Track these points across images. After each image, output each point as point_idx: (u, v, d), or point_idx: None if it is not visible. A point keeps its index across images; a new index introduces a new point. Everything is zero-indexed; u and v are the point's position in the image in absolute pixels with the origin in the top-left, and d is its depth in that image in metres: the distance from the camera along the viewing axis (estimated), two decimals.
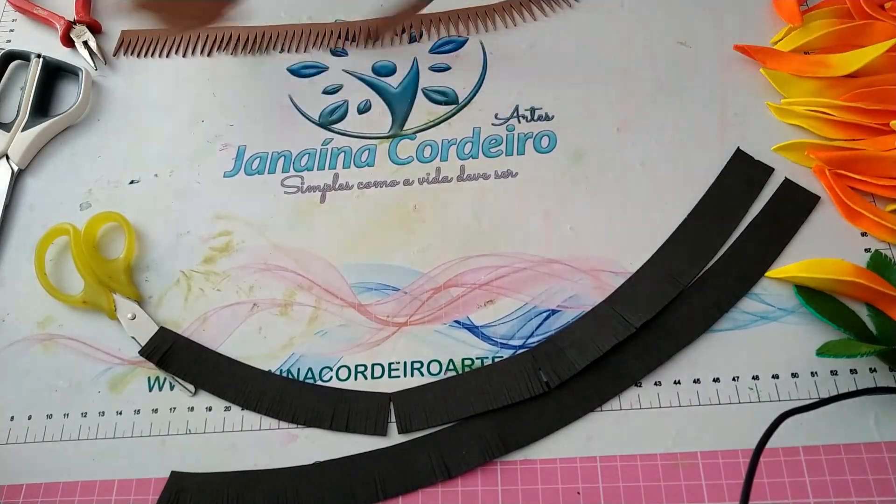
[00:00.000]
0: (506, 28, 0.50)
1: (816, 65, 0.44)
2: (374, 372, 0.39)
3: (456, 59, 0.49)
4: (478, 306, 0.40)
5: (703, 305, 0.38)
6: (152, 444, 0.38)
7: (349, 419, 0.37)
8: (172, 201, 0.45)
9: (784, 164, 0.42)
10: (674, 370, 0.37)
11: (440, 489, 0.35)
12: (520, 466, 0.36)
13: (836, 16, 0.45)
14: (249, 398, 0.38)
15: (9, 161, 0.47)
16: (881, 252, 0.39)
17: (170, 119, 0.49)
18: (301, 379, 0.39)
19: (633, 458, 0.35)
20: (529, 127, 0.45)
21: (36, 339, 0.42)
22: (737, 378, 0.36)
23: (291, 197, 0.45)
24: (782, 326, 0.37)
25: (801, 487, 0.34)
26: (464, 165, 0.44)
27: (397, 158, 0.45)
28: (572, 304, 0.39)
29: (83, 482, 0.37)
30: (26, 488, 0.38)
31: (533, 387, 0.37)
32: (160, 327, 0.41)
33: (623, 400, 0.37)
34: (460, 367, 0.38)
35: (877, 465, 0.34)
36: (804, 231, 0.40)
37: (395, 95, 0.48)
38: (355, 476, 0.36)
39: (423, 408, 0.37)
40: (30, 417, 0.40)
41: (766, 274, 0.39)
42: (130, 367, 0.40)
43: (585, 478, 0.35)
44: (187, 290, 0.42)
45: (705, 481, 0.34)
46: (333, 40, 0.51)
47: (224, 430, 0.38)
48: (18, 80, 0.52)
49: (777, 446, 0.34)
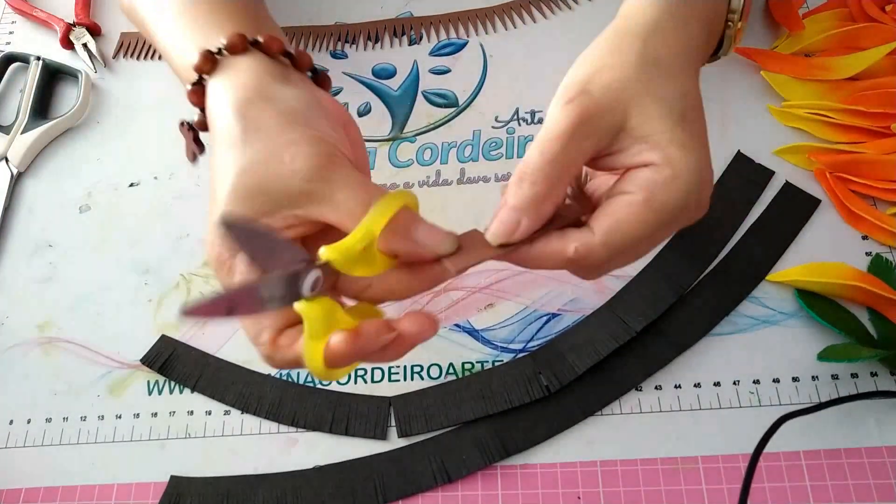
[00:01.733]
0: (506, 30, 0.49)
1: (817, 68, 0.44)
2: (374, 376, 0.39)
3: (456, 61, 0.49)
4: (478, 310, 0.40)
5: (704, 309, 0.38)
6: (152, 448, 0.38)
7: (349, 423, 0.37)
8: (172, 204, 0.45)
9: (785, 168, 0.42)
10: (674, 374, 0.37)
11: (440, 493, 0.35)
12: (520, 471, 0.36)
13: (836, 19, 0.45)
14: (249, 402, 0.38)
15: (8, 164, 0.47)
16: (882, 255, 0.38)
17: (170, 121, 0.48)
18: (301, 383, 0.39)
19: (633, 463, 0.35)
20: (530, 130, 0.45)
21: (35, 343, 0.42)
22: (737, 382, 0.36)
23: None
24: (783, 330, 0.37)
25: (801, 491, 0.34)
26: (464, 168, 0.44)
27: (397, 161, 0.45)
28: (572, 307, 0.39)
29: (82, 486, 0.37)
30: (25, 492, 0.38)
31: (533, 391, 0.37)
32: (161, 335, 0.41)
33: (623, 404, 0.37)
34: (460, 370, 0.38)
35: (878, 469, 0.34)
36: (805, 234, 0.40)
37: (395, 98, 0.48)
38: (355, 480, 0.36)
39: (424, 412, 0.37)
40: (29, 421, 0.40)
41: (767, 277, 0.39)
42: (130, 370, 0.40)
43: (586, 482, 0.35)
44: (187, 292, 0.42)
45: (706, 485, 0.34)
46: (333, 42, 0.50)
47: (224, 434, 0.38)
48: (18, 82, 0.51)
49: (778, 450, 0.34)
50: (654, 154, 0.26)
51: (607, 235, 0.26)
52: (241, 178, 0.26)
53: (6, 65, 0.52)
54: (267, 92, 0.28)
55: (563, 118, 0.26)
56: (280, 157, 0.26)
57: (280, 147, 0.26)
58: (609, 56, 0.28)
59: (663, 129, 0.26)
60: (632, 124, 0.26)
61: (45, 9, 0.53)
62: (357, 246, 0.25)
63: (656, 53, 0.28)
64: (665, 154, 0.26)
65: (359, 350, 0.24)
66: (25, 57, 0.51)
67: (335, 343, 0.24)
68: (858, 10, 0.45)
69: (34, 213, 0.46)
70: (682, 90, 0.27)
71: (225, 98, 0.28)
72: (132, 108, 0.50)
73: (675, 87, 0.27)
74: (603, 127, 0.26)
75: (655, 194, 0.26)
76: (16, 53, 0.52)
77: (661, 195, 0.26)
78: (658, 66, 0.27)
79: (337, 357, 0.24)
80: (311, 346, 0.24)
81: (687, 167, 0.26)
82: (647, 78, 0.27)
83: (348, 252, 0.24)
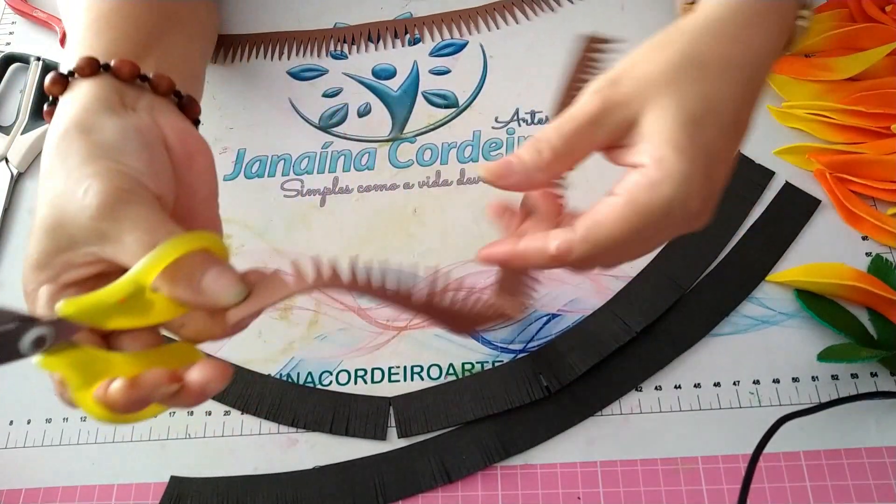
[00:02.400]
0: (507, 25, 0.49)
1: (817, 68, 0.44)
2: (374, 376, 0.39)
3: (456, 61, 0.49)
4: None
5: (704, 310, 0.38)
6: (152, 448, 0.38)
7: (349, 423, 0.37)
8: None
9: (785, 168, 0.42)
10: (674, 374, 0.37)
11: (440, 493, 0.35)
12: (520, 471, 0.36)
13: (836, 19, 0.45)
14: (249, 402, 0.38)
15: (8, 164, 0.47)
16: (882, 256, 0.38)
17: None
18: (301, 383, 0.39)
19: (633, 463, 0.35)
20: (530, 130, 0.45)
21: None
22: (737, 382, 0.36)
23: (291, 200, 0.44)
24: (783, 331, 0.37)
25: (802, 492, 0.34)
26: (464, 169, 0.44)
27: (397, 162, 0.45)
28: (572, 307, 0.39)
29: (82, 487, 0.37)
30: (25, 493, 0.37)
31: (533, 391, 0.37)
32: None
33: (624, 404, 0.37)
34: (460, 371, 0.38)
35: (878, 469, 0.34)
36: (805, 235, 0.40)
37: (395, 98, 0.48)
38: (355, 480, 0.36)
39: (423, 412, 0.37)
40: (29, 422, 0.40)
41: (767, 278, 0.39)
42: None
43: (586, 482, 0.35)
44: None
45: (706, 486, 0.34)
46: (333, 44, 0.50)
47: (224, 435, 0.38)
48: (18, 82, 0.51)
49: (778, 451, 0.34)
50: (647, 155, 0.25)
51: (587, 232, 0.25)
52: (44, 210, 0.26)
53: (6, 65, 0.52)
54: (86, 122, 0.27)
55: (585, 104, 0.26)
56: (74, 192, 0.25)
57: (76, 181, 0.25)
58: (652, 50, 0.27)
59: (666, 129, 0.25)
60: (643, 121, 0.26)
61: (45, 9, 0.53)
62: (110, 299, 0.24)
63: (702, 53, 0.26)
64: (658, 155, 0.25)
65: (137, 400, 0.23)
66: (25, 57, 0.51)
67: (111, 392, 0.23)
68: (858, 10, 0.45)
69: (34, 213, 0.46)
70: (711, 94, 0.26)
71: (52, 126, 0.28)
72: None
73: (705, 89, 0.26)
74: (616, 120, 0.26)
75: (637, 196, 0.25)
76: (16, 54, 0.52)
77: (643, 197, 0.25)
78: (699, 66, 0.26)
79: (117, 406, 0.23)
80: (77, 398, 0.24)
81: (677, 172, 0.25)
82: (679, 77, 0.26)
83: (96, 306, 0.24)
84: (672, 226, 0.26)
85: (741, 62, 0.27)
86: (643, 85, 0.26)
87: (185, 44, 0.36)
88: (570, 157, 0.27)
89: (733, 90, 0.26)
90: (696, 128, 0.25)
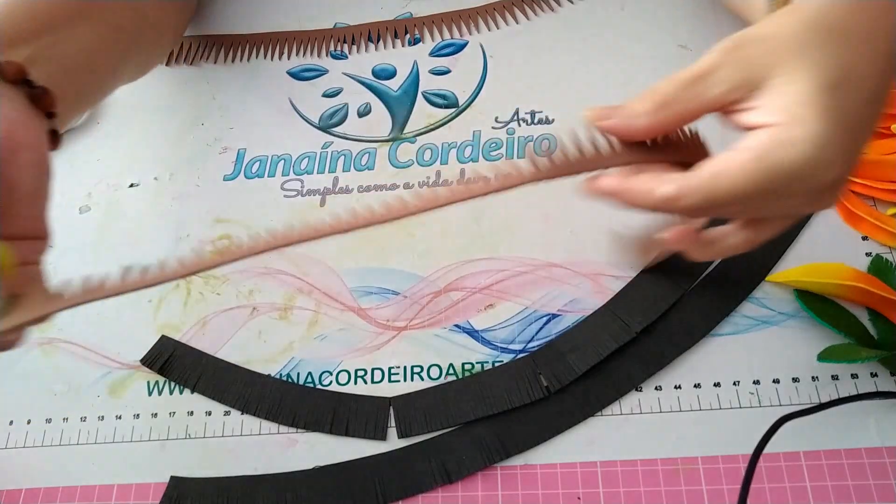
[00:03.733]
0: (507, 25, 0.49)
1: None
2: (373, 376, 0.39)
3: (456, 62, 0.49)
4: (478, 310, 0.40)
5: (704, 310, 0.38)
6: (152, 448, 0.38)
7: (349, 423, 0.37)
8: (172, 204, 0.45)
9: None
10: (674, 375, 0.37)
11: (440, 494, 0.35)
12: (520, 471, 0.36)
13: None
14: (249, 402, 0.38)
15: None
16: (882, 256, 0.38)
17: (170, 122, 0.49)
18: (301, 383, 0.39)
19: (633, 463, 0.35)
20: (529, 130, 0.45)
21: (35, 343, 0.42)
22: (737, 383, 0.36)
23: (291, 200, 0.44)
24: (783, 331, 0.37)
25: (802, 492, 0.33)
26: (464, 169, 0.44)
27: (397, 162, 0.45)
28: (573, 308, 0.39)
29: (82, 487, 0.37)
30: (25, 493, 0.38)
31: (533, 391, 0.37)
32: (161, 336, 0.41)
33: (624, 405, 0.37)
34: (460, 371, 0.38)
35: (878, 469, 0.34)
36: (805, 235, 0.40)
37: (395, 98, 0.48)
38: (355, 480, 0.36)
39: (423, 412, 0.37)
40: (29, 422, 0.40)
41: (767, 278, 0.39)
42: (130, 371, 0.40)
43: (586, 483, 0.35)
44: (187, 294, 0.42)
45: (706, 486, 0.34)
46: (333, 44, 0.50)
47: (224, 435, 0.38)
48: None
49: (778, 451, 0.34)
50: (782, 114, 0.24)
51: (705, 182, 0.24)
52: None
53: None
54: None
55: (705, 58, 0.25)
56: None
57: None
58: (782, 14, 0.26)
59: (804, 90, 0.23)
60: (773, 83, 0.24)
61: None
62: None
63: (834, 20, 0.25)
64: (797, 114, 0.23)
65: None
66: None
67: None
68: None
69: None
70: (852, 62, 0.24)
71: None
72: (132, 108, 0.50)
73: (847, 56, 0.24)
74: (737, 78, 0.25)
75: (770, 151, 0.23)
76: None
77: (777, 153, 0.23)
78: (833, 32, 0.24)
79: None
80: None
81: (817, 134, 0.23)
82: (817, 41, 0.24)
83: None
84: (799, 194, 0.25)
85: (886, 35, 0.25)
86: (772, 46, 0.24)
87: (89, 37, 0.35)
88: (679, 108, 0.25)
89: (875, 62, 0.25)
90: (838, 92, 0.24)
